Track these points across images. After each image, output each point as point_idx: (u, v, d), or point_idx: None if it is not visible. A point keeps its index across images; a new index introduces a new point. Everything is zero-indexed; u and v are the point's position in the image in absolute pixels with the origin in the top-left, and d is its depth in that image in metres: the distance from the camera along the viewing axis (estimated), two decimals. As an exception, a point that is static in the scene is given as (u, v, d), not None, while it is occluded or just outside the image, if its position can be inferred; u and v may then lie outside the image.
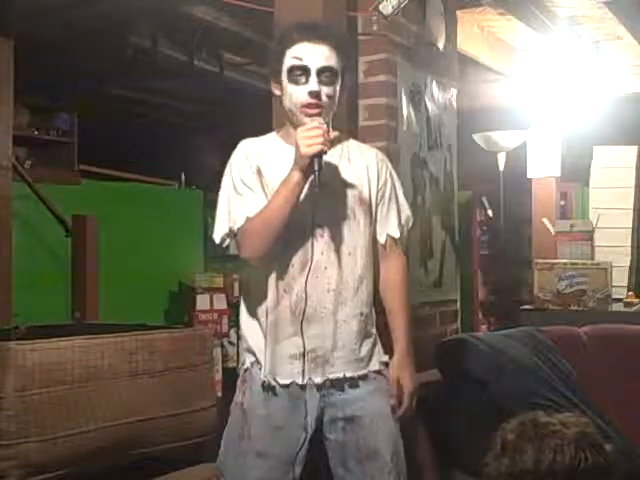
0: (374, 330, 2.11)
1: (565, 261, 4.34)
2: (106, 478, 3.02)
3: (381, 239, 2.12)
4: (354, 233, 2.03)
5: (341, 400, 2.03)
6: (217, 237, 2.05)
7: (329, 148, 1.94)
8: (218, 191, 2.07)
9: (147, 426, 3.18)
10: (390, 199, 2.13)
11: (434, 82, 3.08)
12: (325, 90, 1.98)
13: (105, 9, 4.10)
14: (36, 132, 5.93)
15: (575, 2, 4.22)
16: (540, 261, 4.35)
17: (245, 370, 2.07)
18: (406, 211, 2.18)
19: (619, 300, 4.42)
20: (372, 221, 2.09)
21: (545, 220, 5.31)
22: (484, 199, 7.10)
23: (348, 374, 2.02)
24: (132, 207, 6.07)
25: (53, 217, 4.89)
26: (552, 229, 5.00)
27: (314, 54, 1.97)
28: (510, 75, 5.28)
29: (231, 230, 2.00)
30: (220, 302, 6.20)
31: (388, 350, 2.12)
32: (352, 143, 2.16)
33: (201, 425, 3.41)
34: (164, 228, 6.25)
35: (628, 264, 4.87)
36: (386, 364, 2.10)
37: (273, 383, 2.00)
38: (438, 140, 3.11)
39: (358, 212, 2.05)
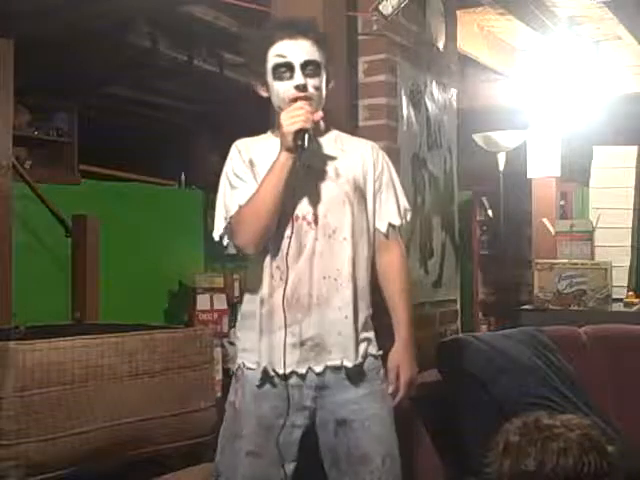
0: (371, 324, 2.09)
1: (565, 261, 4.34)
2: (106, 478, 3.02)
3: (382, 227, 2.13)
4: (348, 219, 2.03)
5: (334, 402, 2.01)
6: (216, 234, 2.06)
7: (316, 128, 1.98)
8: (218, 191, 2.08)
9: (147, 426, 3.19)
10: (388, 188, 2.14)
11: (434, 82, 3.08)
12: (311, 82, 2.00)
13: (105, 9, 4.09)
14: (36, 132, 5.91)
15: (575, 2, 4.23)
16: (540, 261, 4.35)
17: (237, 369, 2.07)
18: (404, 202, 2.18)
19: (619, 300, 4.43)
20: (367, 209, 2.10)
21: (545, 220, 5.31)
22: (484, 199, 7.10)
23: (346, 362, 2.00)
24: (132, 207, 6.07)
25: (53, 217, 4.89)
26: (552, 229, 5.01)
27: (296, 49, 2.00)
28: (510, 75, 5.28)
29: (227, 222, 2.01)
30: (220, 302, 6.19)
31: (388, 339, 2.11)
32: (346, 136, 2.18)
33: (201, 425, 3.41)
34: (164, 228, 6.25)
35: (628, 264, 4.87)
36: (377, 357, 2.08)
37: (272, 373, 1.98)
38: (438, 140, 3.11)
39: (352, 199, 2.05)
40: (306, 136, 1.91)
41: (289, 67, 2.00)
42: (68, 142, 6.08)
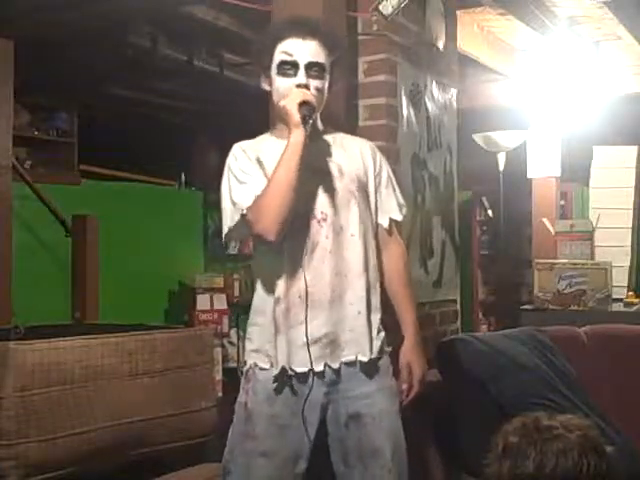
0: (381, 319, 2.11)
1: (565, 261, 4.34)
2: (106, 478, 3.02)
3: (384, 223, 2.16)
4: (356, 216, 2.06)
5: (347, 397, 2.03)
6: (224, 233, 2.05)
7: (315, 129, 2.02)
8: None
9: (147, 426, 3.18)
10: (387, 185, 2.18)
11: (434, 82, 3.08)
12: (314, 83, 2.03)
13: (105, 9, 4.09)
14: (36, 132, 5.92)
15: (575, 2, 4.23)
16: (540, 261, 4.35)
17: (249, 369, 2.07)
18: (401, 199, 2.22)
19: (619, 300, 4.42)
20: (370, 205, 2.13)
21: (545, 220, 5.31)
22: (484, 199, 7.11)
23: (361, 357, 2.02)
24: (132, 207, 6.08)
25: (53, 217, 4.89)
26: (552, 229, 5.00)
27: (303, 49, 2.02)
28: (510, 75, 5.29)
29: (242, 216, 1.98)
30: (220, 302, 6.20)
31: (397, 337, 2.13)
32: (344, 135, 2.21)
33: (201, 425, 3.41)
34: (164, 228, 6.25)
35: (628, 264, 4.86)
36: (388, 353, 2.11)
37: (290, 372, 2.00)
38: (438, 140, 3.11)
39: (358, 195, 2.08)
40: (310, 109, 1.95)
41: (294, 65, 2.02)
42: (68, 142, 6.09)
